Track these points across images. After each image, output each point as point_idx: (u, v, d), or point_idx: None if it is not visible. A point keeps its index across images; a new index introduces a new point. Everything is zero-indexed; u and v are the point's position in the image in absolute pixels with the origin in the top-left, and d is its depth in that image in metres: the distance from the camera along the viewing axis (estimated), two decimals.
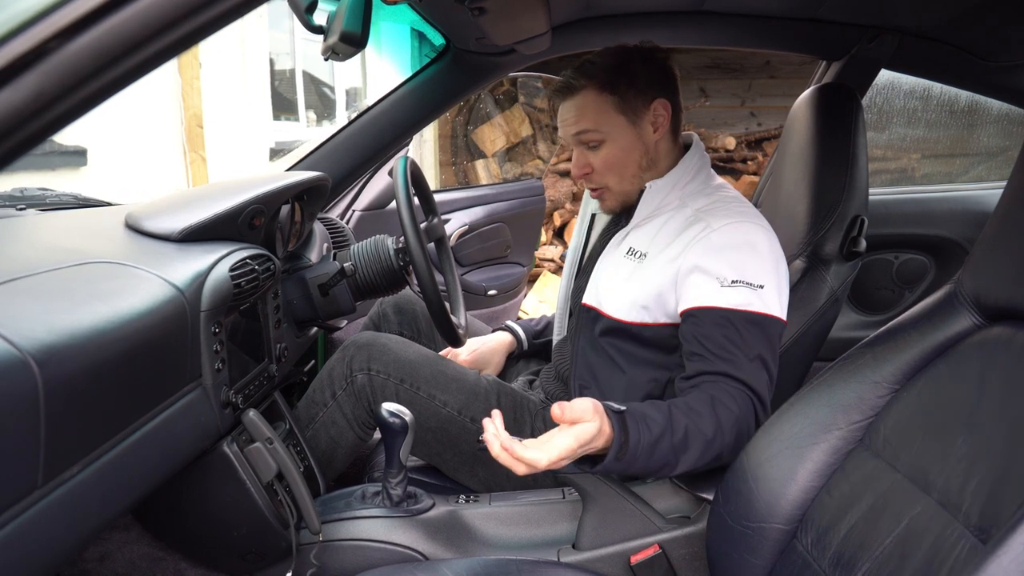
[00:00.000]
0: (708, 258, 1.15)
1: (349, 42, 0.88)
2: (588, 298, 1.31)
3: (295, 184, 1.28)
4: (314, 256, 1.45)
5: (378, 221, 2.14)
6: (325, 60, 1.01)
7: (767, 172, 2.02)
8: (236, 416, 1.05)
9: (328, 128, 5.14)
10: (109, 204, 1.41)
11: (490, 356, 1.58)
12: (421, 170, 1.45)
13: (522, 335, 1.62)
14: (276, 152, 4.40)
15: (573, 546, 1.14)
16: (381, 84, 5.24)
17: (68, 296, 0.74)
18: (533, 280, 4.48)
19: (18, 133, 0.45)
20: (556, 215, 5.08)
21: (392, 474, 1.16)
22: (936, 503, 0.75)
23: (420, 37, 5.27)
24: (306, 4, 0.79)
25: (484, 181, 5.27)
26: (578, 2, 1.47)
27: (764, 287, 1.14)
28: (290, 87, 4.94)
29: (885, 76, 1.67)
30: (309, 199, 1.41)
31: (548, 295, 4.32)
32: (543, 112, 5.34)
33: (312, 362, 1.57)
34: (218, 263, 0.98)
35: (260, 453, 1.06)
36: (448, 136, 5.43)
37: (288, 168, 1.71)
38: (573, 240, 1.49)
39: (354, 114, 1.75)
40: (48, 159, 2.91)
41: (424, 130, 3.27)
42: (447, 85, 1.68)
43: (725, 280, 1.13)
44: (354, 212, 2.11)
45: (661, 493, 1.16)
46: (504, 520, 1.19)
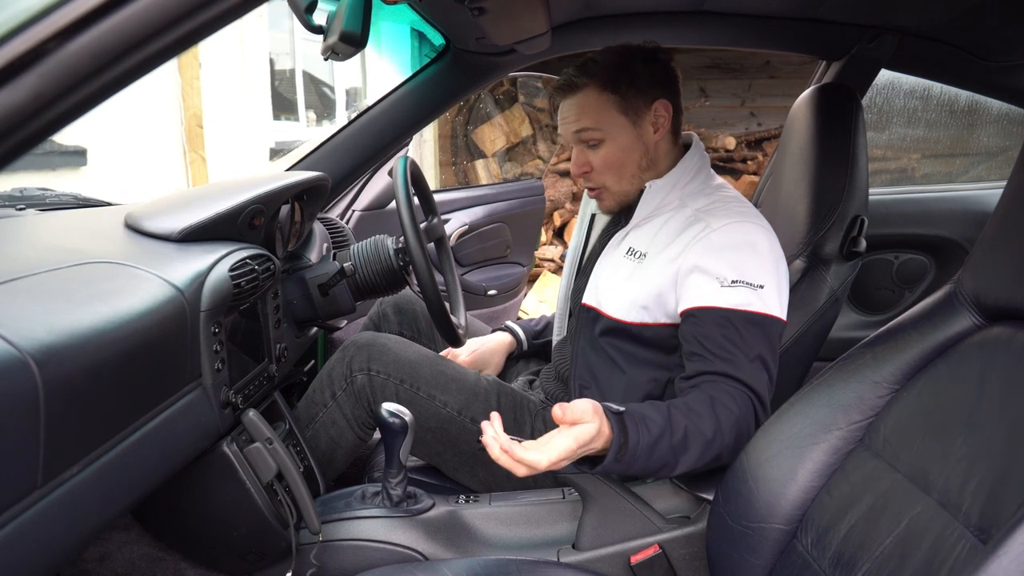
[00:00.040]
0: (708, 258, 1.15)
1: (349, 42, 0.88)
2: (588, 298, 1.31)
3: (295, 184, 1.28)
4: (314, 256, 1.45)
5: (378, 221, 2.14)
6: (325, 60, 1.01)
7: (767, 172, 2.02)
8: (236, 416, 1.05)
9: (328, 128, 5.14)
10: (109, 204, 1.41)
11: (490, 356, 1.58)
12: (421, 170, 1.45)
13: (522, 335, 1.62)
14: (276, 152, 4.39)
15: (573, 546, 1.14)
16: (381, 84, 5.24)
17: (68, 296, 0.74)
18: (533, 280, 4.48)
19: (18, 133, 0.45)
20: (556, 215, 5.08)
21: (392, 474, 1.16)
22: (936, 503, 0.75)
23: (420, 37, 5.27)
24: (306, 4, 0.79)
25: (484, 181, 5.26)
26: (578, 2, 1.47)
27: (764, 287, 1.14)
28: (290, 87, 4.94)
29: (885, 76, 1.67)
30: (309, 199, 1.41)
31: (548, 295, 4.32)
32: (543, 112, 5.34)
33: (312, 362, 1.57)
34: (218, 263, 0.99)
35: (260, 453, 1.06)
36: (448, 136, 5.43)
37: (288, 168, 1.71)
38: (573, 240, 1.49)
39: (354, 114, 1.75)
40: (48, 159, 2.91)
41: (424, 130, 3.27)
42: (447, 85, 1.68)
43: (725, 280, 1.13)
44: (354, 212, 2.11)
45: (661, 493, 1.16)
46: (504, 520, 1.19)
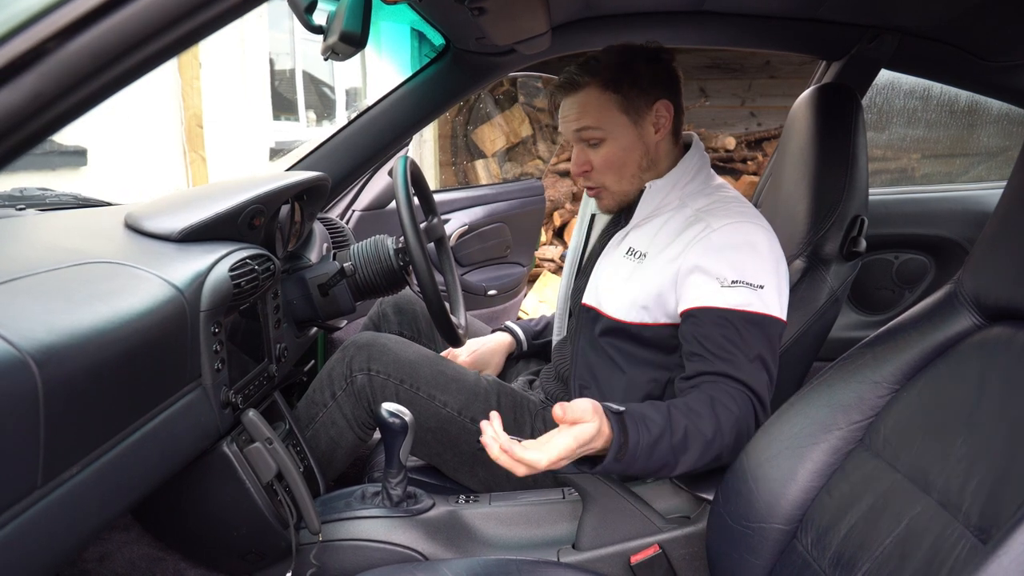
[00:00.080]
0: (708, 258, 1.15)
1: (349, 42, 0.88)
2: (588, 298, 1.31)
3: (295, 184, 1.28)
4: (314, 256, 1.45)
5: (378, 221, 2.14)
6: (325, 60, 1.01)
7: (767, 172, 2.02)
8: (236, 416, 1.05)
9: (328, 128, 5.14)
10: (109, 204, 1.41)
11: (489, 357, 1.58)
12: (421, 170, 1.45)
13: (521, 336, 1.62)
14: (276, 152, 4.39)
15: (573, 546, 1.14)
16: (381, 84, 5.24)
17: (68, 296, 0.74)
18: (533, 280, 4.48)
19: (17, 133, 0.45)
20: (556, 215, 5.08)
21: (392, 474, 1.16)
22: (936, 503, 0.75)
23: (420, 37, 5.27)
24: (306, 4, 0.79)
25: (484, 181, 5.26)
26: (578, 2, 1.47)
27: (764, 287, 1.14)
28: (290, 87, 4.94)
29: (885, 76, 1.67)
30: (309, 199, 1.41)
31: (548, 295, 4.32)
32: (543, 112, 5.34)
33: (312, 362, 1.57)
34: (218, 263, 0.98)
35: (260, 453, 1.06)
36: (448, 136, 5.43)
37: (288, 168, 1.71)
38: (573, 240, 1.49)
39: (354, 114, 1.75)
40: (48, 159, 2.91)
41: (424, 130, 3.27)
42: (447, 85, 1.68)
43: (725, 280, 1.13)
44: (354, 212, 2.11)
45: (661, 493, 1.16)
46: (504, 520, 1.19)
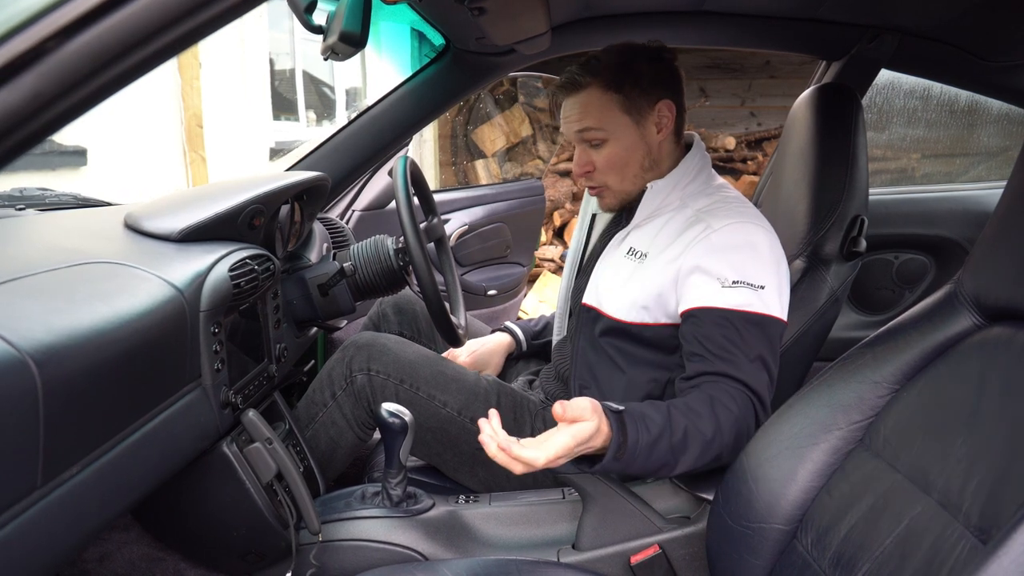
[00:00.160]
0: (709, 258, 1.15)
1: (348, 42, 0.88)
2: (588, 298, 1.31)
3: (295, 184, 1.28)
4: (314, 256, 1.45)
5: (378, 221, 2.14)
6: (325, 60, 1.01)
7: (767, 172, 2.02)
8: (236, 416, 1.04)
9: (328, 128, 5.14)
10: (109, 204, 1.41)
11: (489, 357, 1.58)
12: (421, 170, 1.45)
13: (521, 336, 1.62)
14: (276, 152, 4.39)
15: (573, 546, 1.14)
16: (381, 84, 5.24)
17: (67, 296, 0.74)
18: (533, 280, 4.48)
19: (17, 133, 0.45)
20: (556, 215, 5.08)
21: (392, 474, 1.16)
22: (936, 503, 0.75)
23: (420, 37, 5.27)
24: (306, 4, 0.79)
25: (484, 181, 5.26)
26: (578, 2, 1.47)
27: (765, 288, 1.14)
28: (290, 87, 4.94)
29: (885, 76, 1.67)
30: (309, 199, 1.41)
31: (548, 295, 4.32)
32: (543, 112, 5.34)
33: (312, 362, 1.57)
34: (217, 263, 0.98)
35: (259, 453, 1.06)
36: (448, 136, 5.43)
37: (288, 168, 1.71)
38: (573, 240, 1.49)
39: (354, 114, 1.75)
40: (48, 159, 2.91)
41: (424, 130, 3.27)
42: (447, 85, 1.68)
43: (726, 280, 1.13)
44: (354, 212, 2.11)
45: (661, 493, 1.16)
46: (504, 520, 1.19)
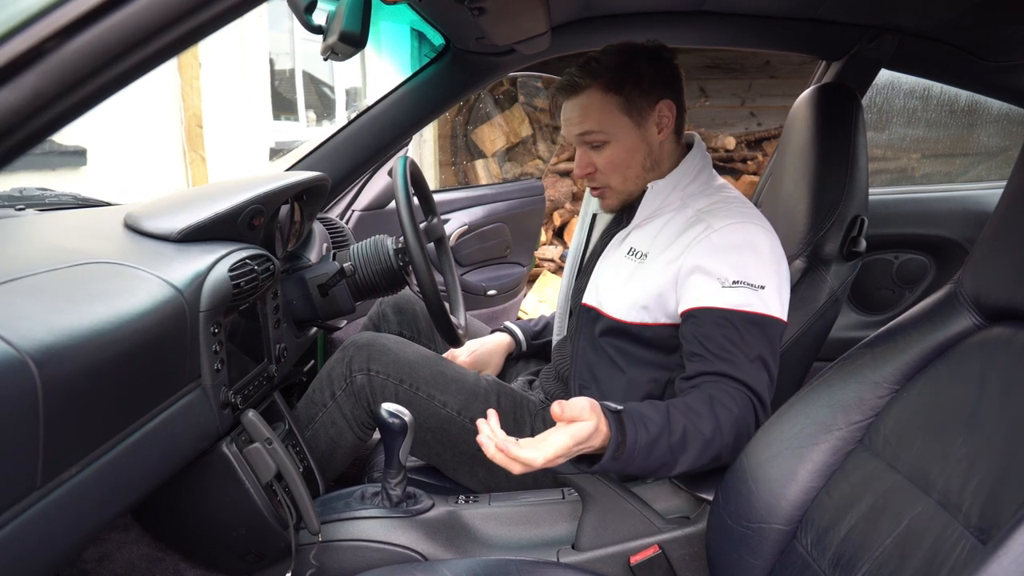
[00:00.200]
0: (709, 259, 1.15)
1: (348, 42, 0.88)
2: (588, 298, 1.31)
3: (295, 184, 1.28)
4: (314, 256, 1.45)
5: (378, 221, 2.14)
6: (325, 60, 1.01)
7: (767, 172, 2.02)
8: (235, 416, 1.04)
9: (328, 128, 5.14)
10: (109, 204, 1.41)
11: (489, 357, 1.58)
12: (421, 170, 1.45)
13: (520, 336, 1.62)
14: (276, 152, 4.39)
15: (573, 546, 1.14)
16: (381, 84, 5.24)
17: (67, 296, 0.74)
18: (533, 280, 4.48)
19: (17, 133, 0.45)
20: (556, 215, 5.08)
21: (392, 474, 1.16)
22: (936, 503, 0.75)
23: (420, 37, 5.27)
24: (306, 4, 0.79)
25: (484, 181, 5.26)
26: (578, 2, 1.47)
27: (765, 288, 1.14)
28: (290, 87, 4.94)
29: (885, 76, 1.67)
30: (309, 199, 1.41)
31: (548, 295, 4.32)
32: (543, 112, 5.34)
33: (312, 362, 1.57)
34: (217, 263, 0.98)
35: (259, 453, 1.06)
36: (448, 136, 5.43)
37: (288, 168, 1.71)
38: (574, 240, 1.49)
39: (354, 114, 1.75)
40: (48, 159, 2.91)
41: (424, 130, 3.27)
42: (447, 85, 1.68)
43: (726, 281, 1.13)
44: (354, 212, 2.11)
45: (661, 493, 1.15)
46: (504, 520, 1.19)
